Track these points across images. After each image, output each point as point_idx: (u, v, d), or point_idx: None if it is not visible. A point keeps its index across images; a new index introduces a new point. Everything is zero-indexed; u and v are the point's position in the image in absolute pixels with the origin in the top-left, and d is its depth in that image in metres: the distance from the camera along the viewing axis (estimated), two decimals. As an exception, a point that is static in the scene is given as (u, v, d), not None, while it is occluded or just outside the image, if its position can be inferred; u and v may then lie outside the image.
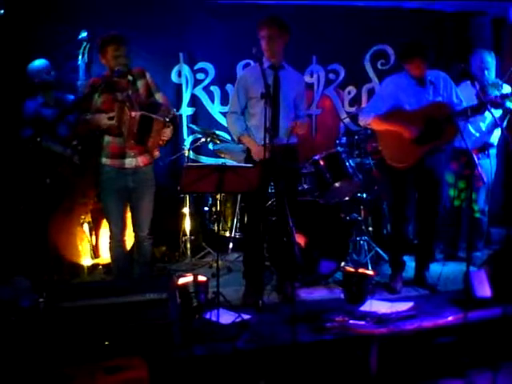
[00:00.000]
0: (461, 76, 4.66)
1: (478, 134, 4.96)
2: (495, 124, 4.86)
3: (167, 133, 3.88)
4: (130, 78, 3.94)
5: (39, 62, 4.62)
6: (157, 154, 4.02)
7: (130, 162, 3.92)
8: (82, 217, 4.60)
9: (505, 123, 4.89)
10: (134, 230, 4.12)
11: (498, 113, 4.71)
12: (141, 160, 3.94)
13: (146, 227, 4.05)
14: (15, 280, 4.15)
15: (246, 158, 4.20)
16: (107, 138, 3.91)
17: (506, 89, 4.89)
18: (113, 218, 4.03)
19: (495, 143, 5.11)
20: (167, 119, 3.85)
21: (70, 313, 3.05)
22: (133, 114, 3.73)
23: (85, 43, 4.57)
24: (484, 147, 5.00)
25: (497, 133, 5.06)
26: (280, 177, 3.80)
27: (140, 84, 3.97)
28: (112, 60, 3.83)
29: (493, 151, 5.08)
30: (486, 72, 4.90)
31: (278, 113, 4.05)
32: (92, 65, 4.59)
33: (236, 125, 4.16)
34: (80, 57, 4.56)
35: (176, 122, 3.99)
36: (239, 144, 4.28)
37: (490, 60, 4.96)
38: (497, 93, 4.69)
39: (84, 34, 4.58)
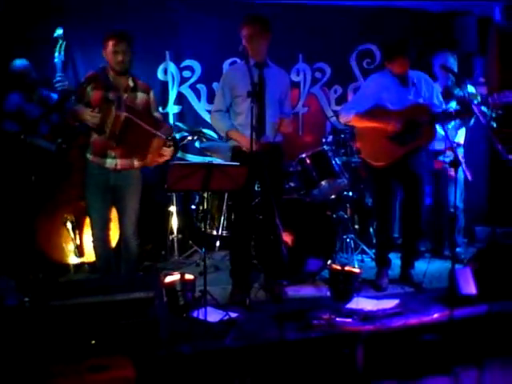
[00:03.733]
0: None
1: (442, 133, 5.00)
2: (462, 123, 4.97)
3: (168, 152, 3.83)
4: (131, 83, 3.90)
5: (21, 62, 4.59)
6: (137, 164, 3.93)
7: (110, 163, 3.87)
8: (65, 216, 4.57)
9: (472, 122, 4.94)
10: (119, 229, 4.10)
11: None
12: (120, 163, 3.88)
13: (130, 228, 4.01)
14: (-1, 280, 4.12)
15: (233, 157, 4.18)
16: (93, 135, 3.88)
17: (470, 88, 4.96)
18: (94, 214, 3.99)
19: (462, 142, 5.17)
20: (169, 137, 3.83)
21: (55, 311, 3.02)
22: (117, 113, 3.68)
23: (60, 41, 4.48)
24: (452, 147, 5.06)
25: (462, 132, 5.14)
26: (266, 175, 3.79)
27: (140, 97, 3.94)
28: (110, 55, 3.79)
29: (460, 150, 5.09)
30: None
31: (263, 111, 4.03)
32: (69, 62, 4.50)
33: (222, 122, 4.14)
34: (56, 54, 4.46)
35: (177, 142, 3.94)
36: (227, 141, 4.27)
37: (453, 61, 5.04)
38: (461, 93, 4.74)
39: (60, 32, 4.49)
